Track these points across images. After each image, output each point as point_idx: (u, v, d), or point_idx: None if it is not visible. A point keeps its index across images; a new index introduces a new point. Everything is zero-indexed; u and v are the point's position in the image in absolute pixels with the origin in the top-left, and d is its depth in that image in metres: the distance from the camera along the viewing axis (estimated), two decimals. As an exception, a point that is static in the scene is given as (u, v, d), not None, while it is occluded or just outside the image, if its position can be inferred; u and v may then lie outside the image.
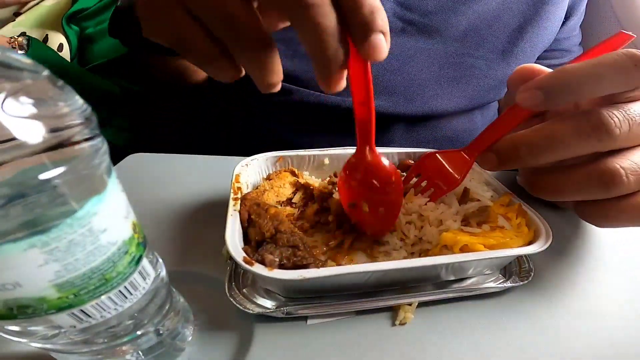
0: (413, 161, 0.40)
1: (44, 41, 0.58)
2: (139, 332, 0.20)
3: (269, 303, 0.27)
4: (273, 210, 0.31)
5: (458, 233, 0.29)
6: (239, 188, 0.33)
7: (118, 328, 0.19)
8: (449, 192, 0.34)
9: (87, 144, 0.15)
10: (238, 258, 0.24)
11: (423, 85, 0.50)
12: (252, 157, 0.37)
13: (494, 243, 0.29)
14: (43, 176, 0.14)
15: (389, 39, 0.21)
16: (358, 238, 0.32)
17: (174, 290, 0.24)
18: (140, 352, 0.21)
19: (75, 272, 0.16)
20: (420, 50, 0.50)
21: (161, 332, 0.22)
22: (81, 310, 0.17)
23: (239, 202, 0.31)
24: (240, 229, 0.29)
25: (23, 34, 0.56)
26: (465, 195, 0.34)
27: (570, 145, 0.24)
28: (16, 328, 0.17)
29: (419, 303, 0.28)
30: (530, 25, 0.51)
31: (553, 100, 0.24)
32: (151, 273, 0.20)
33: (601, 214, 0.26)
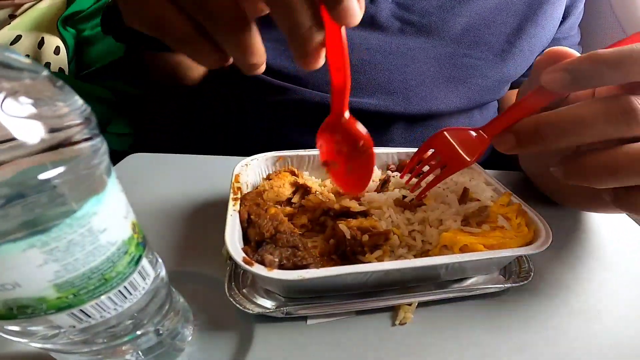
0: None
1: (40, 44, 0.58)
2: (139, 332, 0.20)
3: (269, 303, 0.27)
4: (273, 210, 0.31)
5: (458, 233, 0.29)
6: (239, 188, 0.33)
7: (118, 328, 0.19)
8: (449, 193, 0.34)
9: (87, 144, 0.15)
10: (238, 258, 0.24)
11: (422, 84, 0.50)
12: (252, 157, 0.37)
13: (494, 243, 0.29)
14: (42, 176, 0.14)
15: (363, 3, 0.21)
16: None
17: (174, 290, 0.24)
18: (140, 352, 0.21)
19: (74, 272, 0.16)
20: (418, 50, 0.50)
21: (161, 332, 0.22)
22: (81, 310, 0.17)
23: (239, 202, 0.31)
24: (240, 229, 0.29)
25: (19, 37, 0.56)
26: (465, 195, 0.34)
27: (597, 127, 0.23)
28: (16, 328, 0.17)
29: (419, 303, 0.28)
30: (528, 25, 0.51)
31: (580, 83, 0.24)
32: (151, 273, 0.20)
33: None
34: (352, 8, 0.20)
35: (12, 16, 0.60)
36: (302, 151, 0.39)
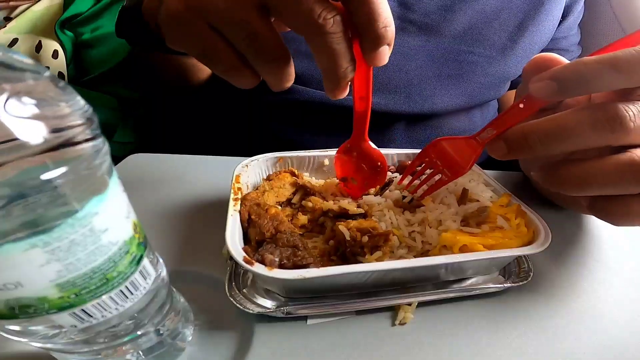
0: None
1: (38, 48, 0.57)
2: (140, 332, 0.20)
3: (269, 303, 0.27)
4: (273, 210, 0.31)
5: (457, 233, 0.29)
6: (239, 188, 0.33)
7: (119, 328, 0.19)
8: (449, 194, 0.34)
9: (89, 144, 0.15)
10: (238, 258, 0.25)
11: (423, 83, 0.50)
12: (252, 158, 0.37)
13: (493, 243, 0.29)
14: (44, 176, 0.14)
15: (392, 46, 0.23)
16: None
17: (174, 290, 0.24)
18: (140, 352, 0.21)
19: (76, 272, 0.16)
20: (420, 48, 0.50)
21: (161, 332, 0.22)
22: (82, 310, 0.17)
23: (239, 203, 0.31)
24: (240, 229, 0.29)
25: (15, 41, 0.55)
26: (464, 195, 0.34)
27: (583, 135, 0.23)
28: (17, 328, 0.17)
29: (419, 303, 0.28)
30: (529, 22, 0.51)
31: (567, 91, 0.24)
32: (152, 273, 0.20)
33: (623, 211, 0.25)
34: (386, 54, 0.24)
35: (8, 19, 0.58)
36: (303, 152, 0.39)
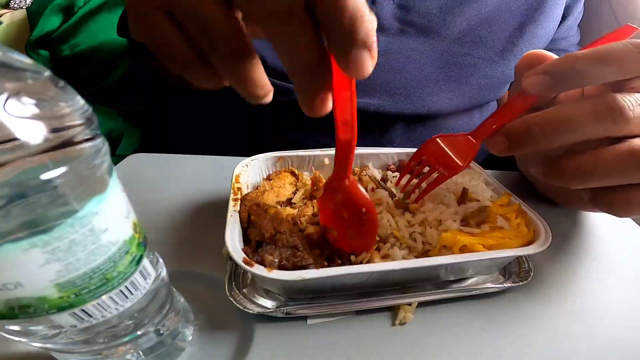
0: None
1: None
2: (140, 332, 0.20)
3: (269, 303, 0.27)
4: (273, 210, 0.31)
5: (457, 233, 0.29)
6: (239, 188, 0.33)
7: (118, 328, 0.19)
8: (449, 194, 0.34)
9: (88, 144, 0.15)
10: (238, 259, 0.25)
11: (423, 84, 0.51)
12: (252, 158, 0.37)
13: (494, 243, 0.29)
14: (44, 176, 0.14)
15: (375, 53, 0.18)
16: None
17: (174, 290, 0.24)
18: (140, 352, 0.21)
19: (76, 272, 0.16)
20: (419, 50, 0.50)
21: (161, 332, 0.22)
22: (82, 310, 0.17)
23: (239, 203, 0.31)
24: (240, 230, 0.29)
25: None
26: (464, 195, 0.34)
27: (585, 126, 0.23)
28: (17, 328, 0.17)
29: (419, 303, 0.28)
30: (529, 24, 0.51)
31: (560, 85, 0.24)
32: (152, 273, 0.20)
33: (625, 201, 0.24)
34: (362, 61, 0.17)
35: None
36: (303, 151, 0.39)
